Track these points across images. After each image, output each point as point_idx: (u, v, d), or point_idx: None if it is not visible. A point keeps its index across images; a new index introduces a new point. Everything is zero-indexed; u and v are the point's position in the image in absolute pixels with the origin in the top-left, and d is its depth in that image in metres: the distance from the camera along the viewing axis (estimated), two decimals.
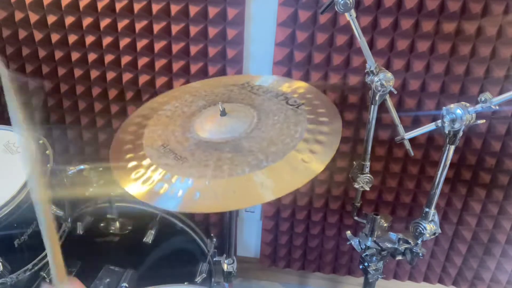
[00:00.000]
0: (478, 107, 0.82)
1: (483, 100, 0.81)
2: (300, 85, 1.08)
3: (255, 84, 1.10)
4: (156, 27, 1.34)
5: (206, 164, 0.84)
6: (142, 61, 1.41)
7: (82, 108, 1.53)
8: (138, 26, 1.35)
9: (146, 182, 0.84)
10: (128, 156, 0.92)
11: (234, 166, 0.82)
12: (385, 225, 1.12)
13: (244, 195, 0.79)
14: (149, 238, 1.25)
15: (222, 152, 0.86)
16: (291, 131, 0.89)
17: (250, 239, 1.75)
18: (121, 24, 1.35)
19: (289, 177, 0.80)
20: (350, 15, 0.90)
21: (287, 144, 0.86)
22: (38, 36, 1.42)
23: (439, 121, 0.89)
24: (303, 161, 0.82)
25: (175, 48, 1.37)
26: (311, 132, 0.88)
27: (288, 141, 0.86)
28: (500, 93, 1.06)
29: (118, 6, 1.32)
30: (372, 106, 1.02)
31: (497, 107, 0.80)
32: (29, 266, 1.09)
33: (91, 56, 1.43)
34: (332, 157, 0.84)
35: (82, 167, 1.26)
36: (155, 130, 0.98)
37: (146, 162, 0.89)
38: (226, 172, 0.81)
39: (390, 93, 0.99)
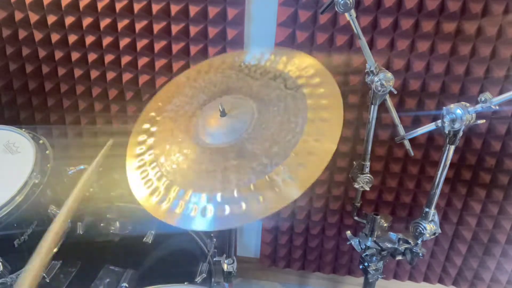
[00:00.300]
0: (478, 107, 0.82)
1: (483, 100, 0.81)
2: (297, 59, 1.04)
3: (251, 64, 1.07)
4: (156, 27, 1.34)
5: (214, 175, 0.85)
6: (142, 61, 1.41)
7: (82, 108, 1.53)
8: (138, 26, 1.35)
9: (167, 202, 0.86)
10: (145, 180, 0.94)
11: (241, 175, 0.83)
12: (385, 225, 1.12)
13: (269, 199, 0.80)
14: (149, 238, 1.25)
15: (227, 160, 0.87)
16: (291, 125, 0.88)
17: (250, 239, 1.75)
18: (121, 24, 1.35)
19: (305, 170, 0.80)
20: (350, 15, 0.90)
21: (289, 141, 0.86)
22: (38, 36, 1.42)
23: (439, 121, 0.89)
24: (310, 153, 0.82)
25: (175, 48, 1.37)
26: (312, 122, 0.88)
27: (290, 137, 0.86)
28: (500, 93, 1.06)
29: (118, 6, 1.32)
30: (372, 106, 1.02)
31: (497, 107, 0.80)
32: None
33: (91, 56, 1.43)
34: (339, 135, 0.84)
35: (82, 167, 1.26)
36: (162, 139, 0.99)
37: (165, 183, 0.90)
38: (234, 183, 0.82)
39: (390, 93, 0.99)
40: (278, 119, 0.91)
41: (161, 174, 0.91)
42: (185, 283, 1.14)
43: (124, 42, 1.38)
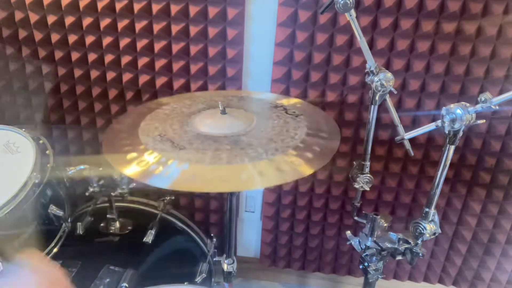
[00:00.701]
0: (478, 107, 0.82)
1: (483, 100, 0.81)
2: (297, 101, 1.12)
3: (254, 97, 1.11)
4: (156, 27, 1.34)
5: (204, 152, 0.84)
6: (142, 61, 1.41)
7: (82, 108, 1.53)
8: (138, 26, 1.35)
9: (141, 163, 0.84)
10: (123, 142, 0.92)
11: (233, 156, 0.82)
12: (385, 225, 1.12)
13: (238, 180, 0.79)
14: (149, 238, 1.25)
15: (221, 144, 0.86)
16: (290, 133, 0.89)
17: (250, 239, 1.75)
18: (121, 24, 1.35)
19: (279, 172, 0.81)
20: (350, 15, 0.90)
21: (287, 142, 0.86)
22: (38, 36, 1.42)
23: (439, 121, 0.89)
24: (292, 163, 0.83)
25: (175, 48, 1.37)
26: (310, 135, 0.89)
27: (288, 140, 0.87)
28: (500, 93, 1.06)
29: (118, 6, 1.32)
30: (372, 106, 1.02)
31: (497, 107, 0.80)
32: None
33: (91, 56, 1.43)
34: (325, 163, 0.85)
35: (82, 167, 1.26)
36: (152, 123, 0.99)
37: (141, 147, 0.88)
38: (225, 160, 0.81)
39: (390, 93, 0.99)
40: (278, 129, 0.92)
41: (147, 148, 0.89)
42: (185, 283, 1.14)
43: (124, 42, 1.38)
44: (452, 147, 0.91)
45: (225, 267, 1.14)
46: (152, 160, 0.83)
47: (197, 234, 1.35)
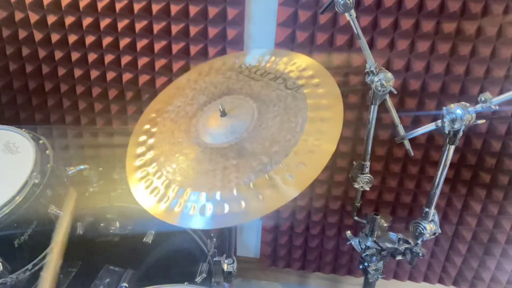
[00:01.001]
0: (478, 107, 0.82)
1: (483, 100, 0.81)
2: (298, 60, 1.04)
3: (252, 66, 1.07)
4: (156, 27, 1.34)
5: (214, 174, 0.85)
6: (142, 61, 1.41)
7: (82, 108, 1.53)
8: (138, 26, 1.35)
9: (162, 198, 0.87)
10: (144, 172, 0.94)
11: (240, 174, 0.83)
12: (385, 225, 1.12)
13: (269, 197, 0.79)
14: (149, 238, 1.25)
15: (227, 159, 0.87)
16: (291, 124, 0.88)
17: (250, 239, 1.75)
18: (121, 24, 1.35)
19: (305, 169, 0.80)
20: (350, 15, 0.90)
21: (289, 140, 0.86)
22: (38, 36, 1.42)
23: (439, 121, 0.89)
24: (311, 151, 0.82)
25: (175, 48, 1.37)
26: (312, 121, 0.88)
27: (290, 137, 0.86)
28: (500, 93, 1.06)
29: (118, 6, 1.32)
30: (372, 106, 1.02)
31: (497, 107, 0.80)
32: (29, 266, 1.09)
33: (91, 56, 1.43)
34: (339, 134, 0.84)
35: (82, 167, 1.26)
36: (163, 137, 0.99)
37: (163, 181, 0.91)
38: (234, 182, 0.82)
39: (390, 93, 0.99)
40: (278, 118, 0.91)
41: (160, 173, 0.91)
42: (185, 283, 1.14)
43: (124, 42, 1.38)
44: (452, 147, 0.91)
45: (225, 267, 1.14)
46: (172, 195, 0.86)
47: (197, 234, 1.35)
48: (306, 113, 0.89)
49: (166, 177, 0.90)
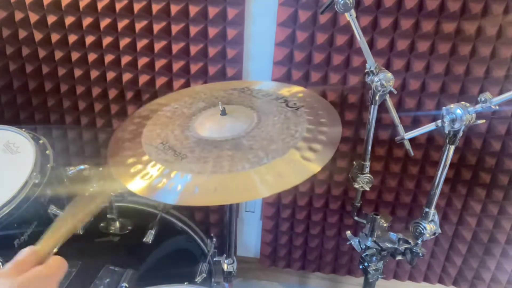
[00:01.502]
0: (478, 107, 0.82)
1: (483, 100, 0.81)
2: (299, 90, 1.09)
3: (254, 89, 1.10)
4: (156, 27, 1.34)
5: (206, 160, 0.84)
6: (142, 61, 1.41)
7: (82, 108, 1.53)
8: (138, 26, 1.35)
9: (145, 177, 0.84)
10: (127, 153, 0.92)
11: (234, 162, 0.82)
12: (385, 225, 1.12)
13: (242, 190, 0.78)
14: (149, 238, 1.25)
15: (222, 150, 0.86)
16: (291, 131, 0.89)
17: (250, 239, 1.75)
18: (121, 24, 1.35)
19: (287, 175, 0.80)
20: (350, 15, 0.90)
21: (287, 142, 0.86)
22: (38, 36, 1.42)
23: (439, 121, 0.89)
24: (303, 158, 0.82)
25: (175, 48, 1.37)
26: (311, 131, 0.88)
27: (288, 140, 0.87)
28: (500, 93, 1.06)
29: (118, 6, 1.32)
30: (372, 106, 1.02)
31: (497, 107, 0.80)
32: None
33: (91, 56, 1.43)
34: (330, 158, 0.84)
35: (82, 167, 1.26)
36: (154, 129, 0.99)
37: (145, 158, 0.88)
38: (226, 168, 0.81)
39: (390, 93, 0.99)
40: (278, 126, 0.91)
41: (149, 158, 0.90)
42: (185, 283, 1.14)
43: (124, 42, 1.38)
44: (452, 147, 0.91)
45: (225, 267, 1.14)
46: (156, 173, 0.84)
47: (197, 234, 1.35)
48: (305, 126, 0.91)
49: (155, 159, 0.88)
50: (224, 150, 0.86)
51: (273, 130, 0.90)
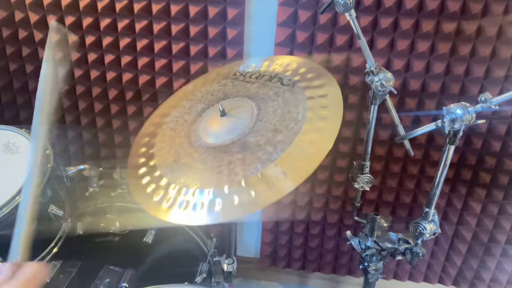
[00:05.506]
0: (478, 107, 0.83)
1: (483, 100, 0.81)
2: (290, 60, 1.06)
3: (246, 71, 1.08)
4: (156, 27, 1.34)
5: (220, 170, 0.85)
6: (142, 61, 1.41)
7: (82, 108, 1.53)
8: (138, 26, 1.35)
9: (181, 207, 0.85)
10: (147, 181, 0.93)
11: (247, 166, 0.83)
12: (385, 225, 1.12)
13: (264, 193, 0.78)
14: (149, 238, 1.25)
15: (231, 155, 0.87)
16: (292, 114, 0.88)
17: (250, 239, 1.75)
18: (121, 24, 1.35)
19: (302, 162, 0.80)
20: (350, 15, 0.90)
21: (292, 129, 0.85)
22: (38, 36, 1.42)
23: (439, 121, 0.89)
24: (311, 142, 0.82)
25: (175, 48, 1.37)
26: (313, 110, 0.88)
27: (293, 125, 0.86)
28: (500, 93, 1.06)
29: (118, 6, 1.32)
30: (372, 106, 1.02)
31: (497, 107, 0.80)
32: None
33: (91, 56, 1.43)
34: (338, 130, 0.82)
35: (82, 167, 1.26)
36: (164, 146, 0.99)
37: (163, 182, 0.89)
38: (241, 174, 0.82)
39: (390, 93, 0.99)
40: (279, 111, 0.91)
41: (166, 180, 0.91)
42: (185, 283, 1.14)
43: (124, 42, 1.38)
44: (452, 147, 0.91)
45: (225, 267, 1.14)
46: (192, 198, 0.84)
47: (197, 234, 1.35)
48: (306, 103, 0.89)
49: (171, 180, 0.89)
50: (233, 154, 0.87)
51: (275, 118, 0.89)
